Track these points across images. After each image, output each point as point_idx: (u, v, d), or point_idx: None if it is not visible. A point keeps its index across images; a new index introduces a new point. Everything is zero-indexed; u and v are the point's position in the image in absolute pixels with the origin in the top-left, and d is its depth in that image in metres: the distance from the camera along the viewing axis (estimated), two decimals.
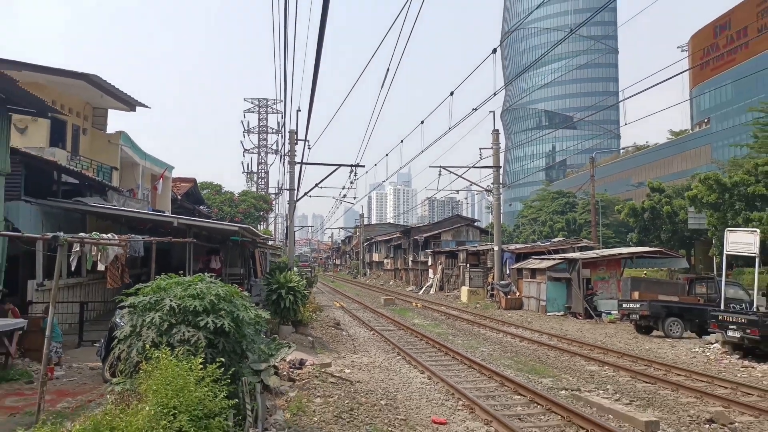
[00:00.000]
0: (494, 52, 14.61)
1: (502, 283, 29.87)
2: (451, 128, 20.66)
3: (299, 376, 11.04)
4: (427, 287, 43.76)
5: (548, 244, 35.41)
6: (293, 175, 25.99)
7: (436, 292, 41.48)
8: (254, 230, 20.96)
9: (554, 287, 25.70)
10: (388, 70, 13.12)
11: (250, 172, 70.43)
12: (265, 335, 11.70)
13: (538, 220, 77.11)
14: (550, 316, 24.74)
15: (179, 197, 30.75)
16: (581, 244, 34.52)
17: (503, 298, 28.60)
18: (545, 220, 73.06)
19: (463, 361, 13.93)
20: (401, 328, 21.21)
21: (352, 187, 29.40)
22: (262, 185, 70.59)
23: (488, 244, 38.94)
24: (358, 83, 13.46)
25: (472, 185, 37.59)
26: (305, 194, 28.36)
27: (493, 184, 32.68)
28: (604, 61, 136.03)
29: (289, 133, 26.59)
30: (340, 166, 26.23)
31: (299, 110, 60.90)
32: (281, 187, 54.23)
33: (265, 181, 72.08)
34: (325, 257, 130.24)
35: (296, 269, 22.96)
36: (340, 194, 33.06)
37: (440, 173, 30.75)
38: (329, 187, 55.91)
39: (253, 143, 72.65)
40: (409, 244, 54.44)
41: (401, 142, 25.89)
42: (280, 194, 57.26)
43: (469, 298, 32.75)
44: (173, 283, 6.79)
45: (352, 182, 28.23)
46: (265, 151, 72.70)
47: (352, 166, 26.27)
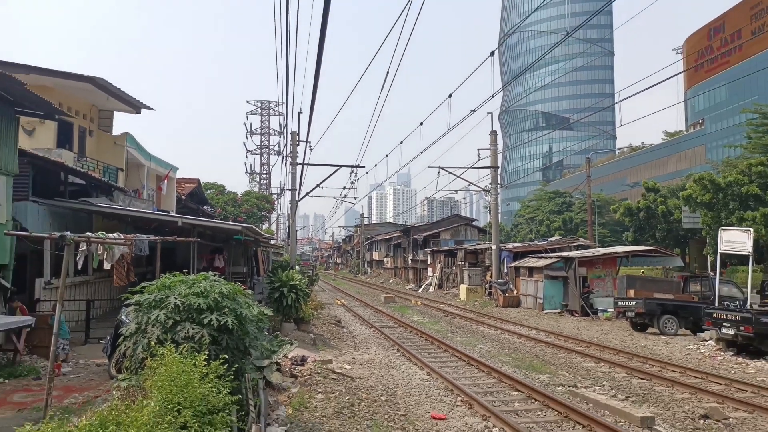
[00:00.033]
0: (492, 54, 14.81)
1: (500, 281, 29.97)
2: (449, 129, 20.76)
3: (301, 372, 11.13)
4: (426, 285, 43.82)
5: (545, 243, 35.52)
6: (295, 175, 26.13)
7: (435, 290, 41.54)
8: (257, 230, 21.05)
9: (551, 285, 25.83)
10: (387, 72, 13.31)
11: (252, 172, 70.55)
12: (267, 332, 11.88)
13: (535, 219, 77.29)
14: (547, 313, 24.87)
15: (183, 197, 30.81)
16: (578, 243, 34.66)
17: (501, 296, 28.69)
18: (542, 219, 73.26)
19: (461, 357, 13.99)
20: (401, 325, 21.28)
21: (352, 187, 29.59)
22: (264, 185, 70.67)
23: (486, 243, 39.05)
24: (358, 85, 13.61)
25: (470, 185, 37.85)
26: (307, 194, 28.48)
27: (491, 184, 32.87)
28: (600, 63, 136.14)
29: (290, 134, 26.68)
30: (340, 166, 26.32)
31: (301, 112, 60.90)
32: (283, 187, 54.23)
33: (267, 181, 72.20)
34: (326, 256, 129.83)
35: (298, 268, 23.01)
36: (340, 194, 33.29)
37: (439, 174, 30.82)
38: (330, 187, 56.03)
39: (255, 144, 72.90)
40: (408, 243, 54.52)
41: (401, 143, 25.98)
42: (282, 194, 57.25)
43: (467, 296, 32.89)
44: (178, 281, 6.86)
45: (352, 182, 28.39)
46: (267, 152, 72.81)
47: (352, 166, 26.32)
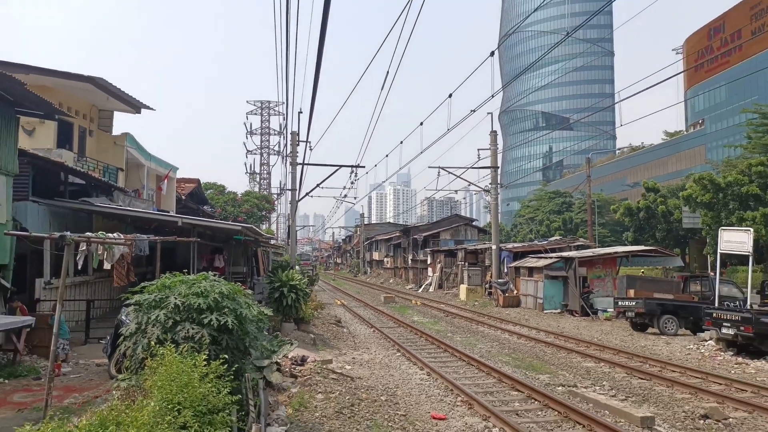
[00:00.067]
0: (492, 54, 14.83)
1: (500, 281, 29.99)
2: (449, 129, 20.76)
3: (301, 372, 11.12)
4: (426, 285, 43.85)
5: (545, 243, 35.55)
6: (295, 175, 26.16)
7: (435, 290, 41.56)
8: (257, 230, 21.06)
9: (551, 285, 25.84)
10: (387, 72, 13.33)
11: (252, 172, 70.64)
12: (267, 332, 11.87)
13: (535, 219, 77.34)
14: (547, 313, 24.88)
15: (183, 197, 30.84)
16: (577, 243, 34.69)
17: (501, 296, 28.69)
18: (542, 219, 73.31)
19: (461, 357, 13.99)
20: (401, 325, 21.29)
21: (352, 187, 29.63)
22: (264, 185, 70.76)
23: (486, 243, 39.06)
24: (358, 85, 13.63)
25: (470, 185, 37.87)
26: (307, 194, 28.50)
27: (491, 184, 32.89)
28: (600, 63, 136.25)
29: (290, 134, 26.70)
30: (340, 166, 26.34)
31: (301, 112, 60.81)
32: (283, 187, 54.32)
33: (267, 181, 72.30)
34: (326, 256, 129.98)
35: (298, 268, 23.04)
36: (340, 194, 33.35)
37: (439, 174, 30.85)
38: (330, 187, 56.16)
39: (255, 144, 72.99)
40: (408, 243, 54.56)
41: (401, 143, 26.00)
42: (282, 194, 57.35)
43: (467, 296, 32.90)
44: (178, 281, 6.85)
45: (352, 182, 28.42)
46: (267, 152, 72.91)
47: (352, 166, 26.33)
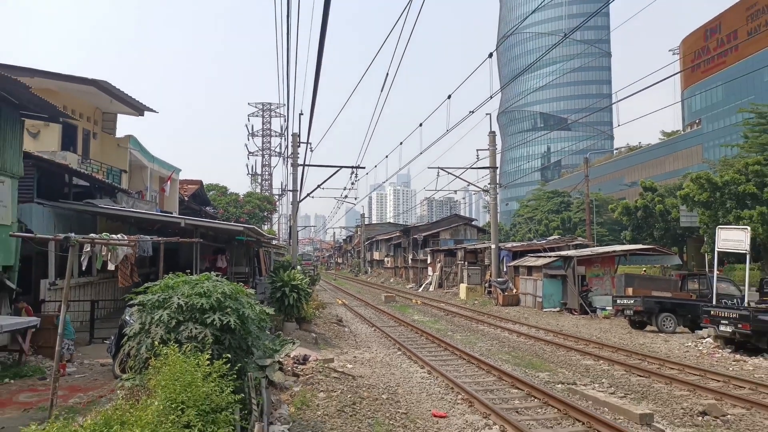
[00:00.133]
0: (490, 56, 14.96)
1: (499, 280, 30.07)
2: (449, 130, 20.85)
3: (303, 371, 11.14)
4: (426, 285, 43.90)
5: (544, 242, 35.67)
6: (296, 176, 26.26)
7: (435, 289, 41.62)
8: (259, 230, 21.11)
9: (550, 284, 25.90)
10: (387, 74, 13.45)
11: (254, 174, 70.58)
12: (269, 332, 11.92)
13: (534, 219, 77.50)
14: (546, 312, 24.94)
15: (186, 199, 30.91)
16: (576, 242, 34.86)
17: (500, 294, 28.75)
18: (541, 219, 73.46)
19: (462, 356, 14.01)
20: (402, 324, 21.31)
21: (353, 188, 29.82)
22: (266, 187, 70.72)
23: (486, 242, 39.17)
24: (359, 86, 13.74)
25: (469, 185, 38.02)
26: (308, 195, 28.55)
27: (490, 184, 33.02)
28: (597, 64, 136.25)
29: (291, 136, 26.77)
30: (341, 167, 26.42)
31: (302, 114, 61.19)
32: (284, 188, 54.47)
33: (268, 182, 72.22)
34: (327, 256, 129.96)
35: (299, 268, 23.12)
36: (341, 195, 33.53)
37: (438, 174, 31.00)
38: (331, 188, 56.49)
39: (257, 146, 72.90)
40: (408, 242, 54.66)
41: (400, 144, 26.09)
42: (283, 195, 57.41)
43: (467, 295, 32.95)
44: (181, 281, 6.88)
45: (353, 183, 28.58)
46: (268, 153, 72.87)
47: (353, 167, 26.38)
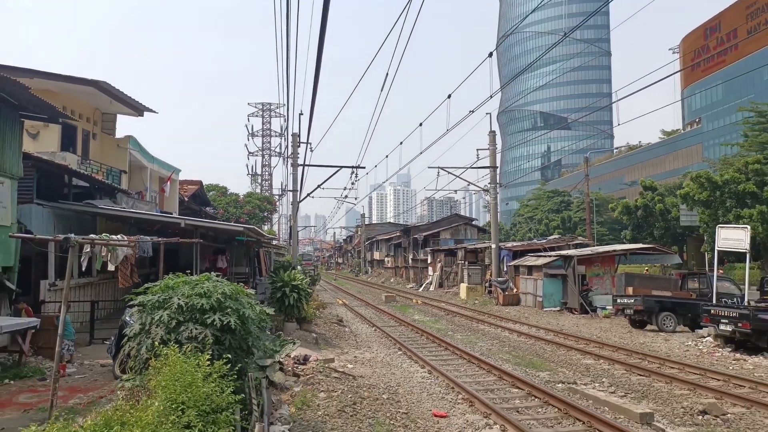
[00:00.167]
0: (490, 55, 14.96)
1: (499, 279, 30.09)
2: (449, 130, 20.85)
3: (303, 371, 11.14)
4: (426, 284, 43.91)
5: (544, 241, 35.69)
6: (296, 176, 26.28)
7: (435, 289, 41.62)
8: (259, 230, 21.13)
9: (550, 283, 25.92)
10: (387, 74, 13.45)
11: (254, 174, 70.58)
12: (270, 332, 11.92)
13: (534, 218, 77.54)
14: (546, 311, 24.96)
15: (186, 199, 30.89)
16: (576, 241, 34.87)
17: (501, 294, 28.75)
18: (541, 218, 73.50)
19: (462, 355, 14.02)
20: (402, 324, 21.33)
21: (353, 187, 29.84)
22: (266, 187, 70.71)
23: (486, 242, 39.18)
24: (358, 87, 13.74)
25: (469, 185, 38.02)
26: (308, 195, 28.56)
27: (490, 183, 33.04)
28: (597, 63, 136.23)
29: (291, 136, 26.76)
30: (341, 167, 26.42)
31: (301, 114, 61.20)
32: (284, 188, 54.46)
33: (268, 182, 72.21)
34: (327, 256, 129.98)
35: (300, 268, 23.12)
36: (341, 195, 33.54)
37: (439, 174, 30.99)
38: (331, 188, 56.57)
39: (257, 146, 72.88)
40: (409, 242, 54.67)
41: (400, 144, 26.05)
42: (283, 195, 57.42)
43: (467, 294, 32.95)
44: (181, 282, 6.89)
45: (353, 183, 28.59)
46: (268, 153, 72.86)
47: (353, 167, 26.38)
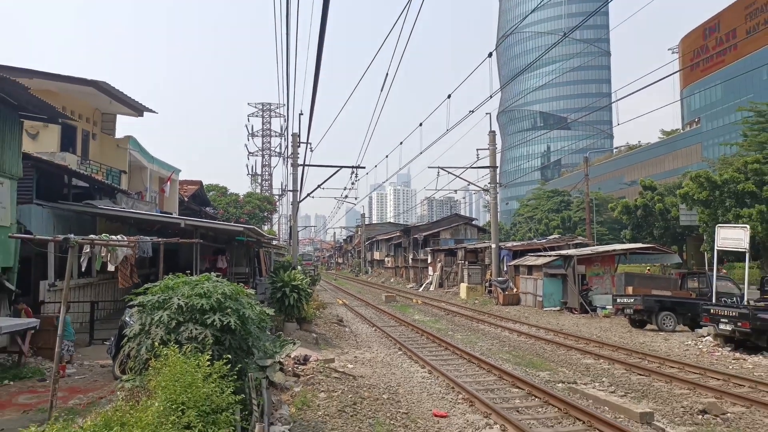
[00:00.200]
0: (490, 55, 14.97)
1: (499, 279, 30.10)
2: (448, 130, 20.89)
3: (304, 371, 11.14)
4: (427, 284, 43.91)
5: (544, 241, 35.72)
6: (296, 176, 26.27)
7: (435, 288, 41.62)
8: (259, 230, 21.12)
9: (550, 283, 25.92)
10: (387, 74, 13.46)
11: (254, 174, 70.65)
12: (270, 332, 11.92)
13: (534, 218, 77.63)
14: (546, 311, 24.96)
15: (186, 199, 30.91)
16: (576, 241, 34.87)
17: (501, 294, 28.75)
18: (541, 218, 73.59)
19: (462, 355, 14.04)
20: (402, 324, 21.34)
21: (353, 187, 29.86)
22: (266, 187, 70.77)
23: (486, 242, 39.19)
24: (358, 87, 13.75)
25: (469, 185, 38.04)
26: (308, 195, 28.56)
27: (490, 183, 33.05)
28: (596, 63, 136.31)
29: (291, 136, 26.74)
30: (341, 167, 26.42)
31: (301, 114, 61.19)
32: (284, 188, 54.48)
33: (268, 182, 72.28)
34: (327, 256, 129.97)
35: (300, 268, 23.10)
36: (341, 195, 33.54)
37: (439, 174, 31.02)
38: (331, 188, 56.65)
39: (257, 146, 72.98)
40: (409, 242, 54.67)
41: (400, 143, 26.05)
42: (283, 195, 57.45)
43: (467, 294, 32.96)
44: (181, 282, 6.90)
45: (353, 183, 28.61)
46: (268, 153, 72.94)
47: (353, 167, 26.38)
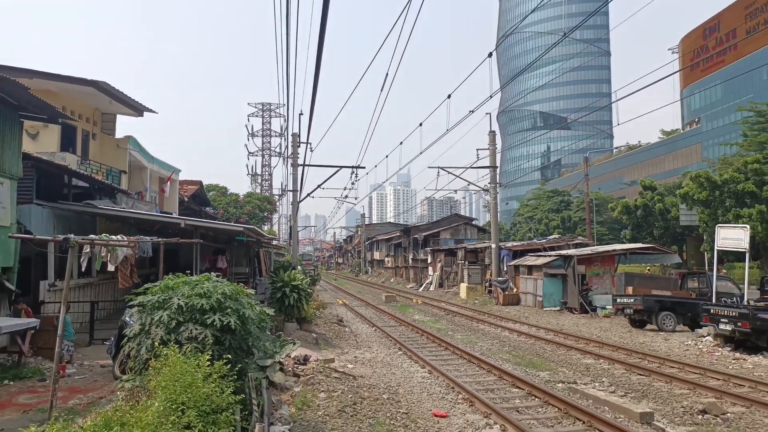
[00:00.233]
0: (490, 55, 14.98)
1: (499, 279, 30.10)
2: (448, 130, 20.90)
3: (304, 371, 11.15)
4: (427, 284, 43.91)
5: (544, 241, 35.72)
6: (296, 176, 26.27)
7: (435, 288, 41.62)
8: (259, 230, 21.12)
9: (550, 283, 25.92)
10: (387, 74, 13.46)
11: (254, 174, 70.69)
12: (270, 332, 11.91)
13: (534, 218, 77.64)
14: (546, 311, 24.96)
15: (186, 199, 30.92)
16: (576, 241, 34.87)
17: (501, 294, 28.75)
18: (541, 218, 73.60)
19: (462, 355, 14.05)
20: (402, 324, 21.34)
21: (353, 187, 29.89)
22: (266, 187, 70.81)
23: (486, 242, 39.19)
24: (358, 87, 13.75)
25: (469, 185, 38.04)
26: (308, 195, 28.56)
27: (490, 183, 33.05)
28: (596, 63, 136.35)
29: (291, 136, 26.73)
30: (341, 167, 26.42)
31: (301, 114, 61.20)
32: (284, 188, 54.50)
33: (268, 182, 72.31)
34: (327, 256, 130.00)
35: (300, 268, 23.11)
36: (341, 195, 33.55)
37: (439, 174, 31.03)
38: (331, 188, 56.70)
39: (257, 146, 73.02)
40: (409, 242, 54.67)
41: (400, 143, 26.04)
42: (283, 195, 57.46)
43: (467, 294, 32.96)
44: (181, 282, 6.89)
45: (353, 183, 28.62)
46: (268, 153, 72.99)
47: (353, 167, 26.37)
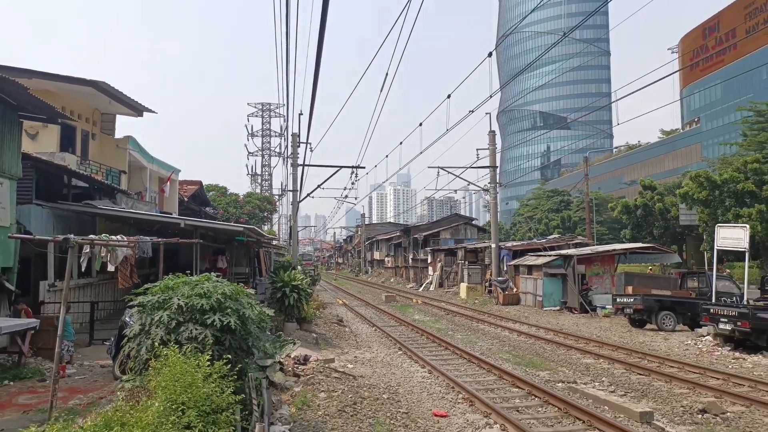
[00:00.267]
0: (490, 55, 14.99)
1: (499, 279, 30.12)
2: (448, 130, 20.91)
3: (304, 371, 11.16)
4: (427, 284, 43.93)
5: (544, 241, 35.75)
6: (296, 176, 26.25)
7: (435, 288, 41.63)
8: (259, 230, 21.10)
9: (550, 283, 25.94)
10: (387, 74, 13.47)
11: (254, 174, 70.72)
12: (270, 332, 11.93)
13: (534, 218, 77.67)
14: (546, 311, 24.97)
15: (186, 199, 30.92)
16: (576, 240, 34.89)
17: (501, 294, 28.76)
18: (541, 218, 73.62)
19: (462, 355, 14.07)
20: (402, 324, 21.36)
21: (353, 187, 29.88)
22: (265, 187, 70.83)
23: (486, 241, 39.19)
24: (358, 86, 13.75)
25: (469, 185, 38.06)
26: (308, 195, 28.56)
27: (490, 183, 33.05)
28: (596, 63, 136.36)
29: (291, 136, 26.69)
30: (341, 167, 26.41)
31: (301, 114, 61.23)
32: (284, 188, 54.50)
33: (268, 182, 72.35)
34: (327, 256, 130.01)
35: (300, 268, 23.13)
36: (341, 195, 33.54)
37: (438, 174, 31.04)
38: (331, 188, 56.73)
39: (256, 146, 73.07)
40: (409, 242, 54.69)
41: (400, 143, 26.04)
42: (283, 195, 57.46)
43: (467, 294, 32.96)
44: (181, 282, 6.89)
45: (353, 183, 28.62)
46: (268, 153, 73.04)
47: (353, 167, 26.36)
